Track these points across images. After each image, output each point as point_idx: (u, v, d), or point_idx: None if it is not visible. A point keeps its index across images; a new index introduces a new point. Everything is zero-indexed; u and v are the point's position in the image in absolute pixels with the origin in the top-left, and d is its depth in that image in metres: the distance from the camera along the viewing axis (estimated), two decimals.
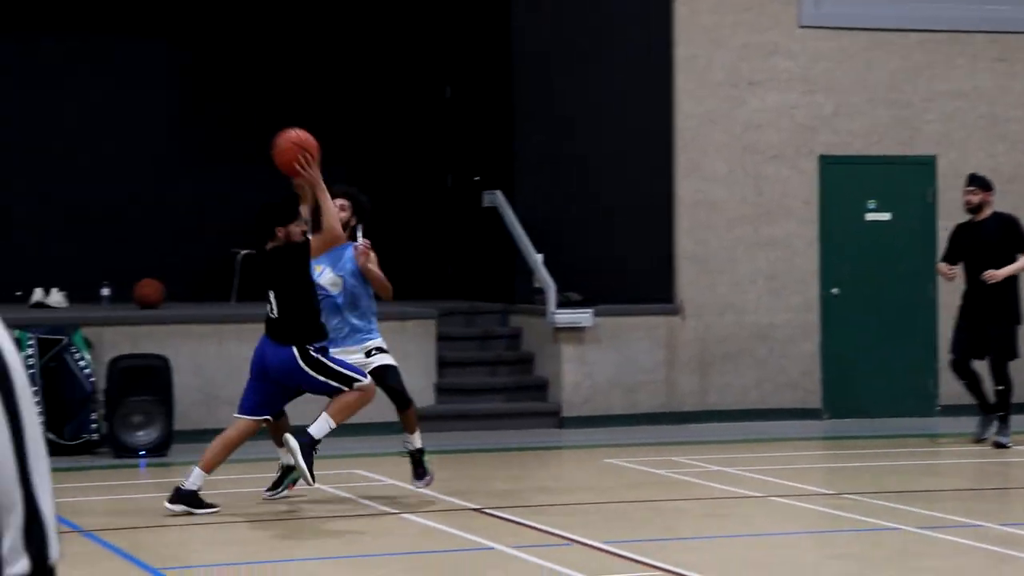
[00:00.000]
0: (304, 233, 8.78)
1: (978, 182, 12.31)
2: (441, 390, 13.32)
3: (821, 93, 14.10)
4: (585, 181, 14.31)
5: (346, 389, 8.71)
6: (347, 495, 9.78)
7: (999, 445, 11.95)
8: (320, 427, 8.67)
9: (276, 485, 9.45)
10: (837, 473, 11.47)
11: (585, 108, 14.34)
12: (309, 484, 8.76)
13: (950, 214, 14.34)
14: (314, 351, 8.69)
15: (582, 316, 13.31)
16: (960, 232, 12.38)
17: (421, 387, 13.05)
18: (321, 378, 8.68)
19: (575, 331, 13.39)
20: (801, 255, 14.02)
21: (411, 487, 9.53)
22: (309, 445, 8.60)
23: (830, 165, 14.11)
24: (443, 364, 13.40)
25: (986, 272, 11.96)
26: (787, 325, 13.97)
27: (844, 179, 14.11)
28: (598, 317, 13.40)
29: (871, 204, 14.21)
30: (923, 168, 14.31)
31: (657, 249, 13.86)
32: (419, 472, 9.47)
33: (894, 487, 10.22)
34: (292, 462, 8.81)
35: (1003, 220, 12.21)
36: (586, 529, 8.56)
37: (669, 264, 13.83)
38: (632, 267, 14.04)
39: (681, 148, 13.88)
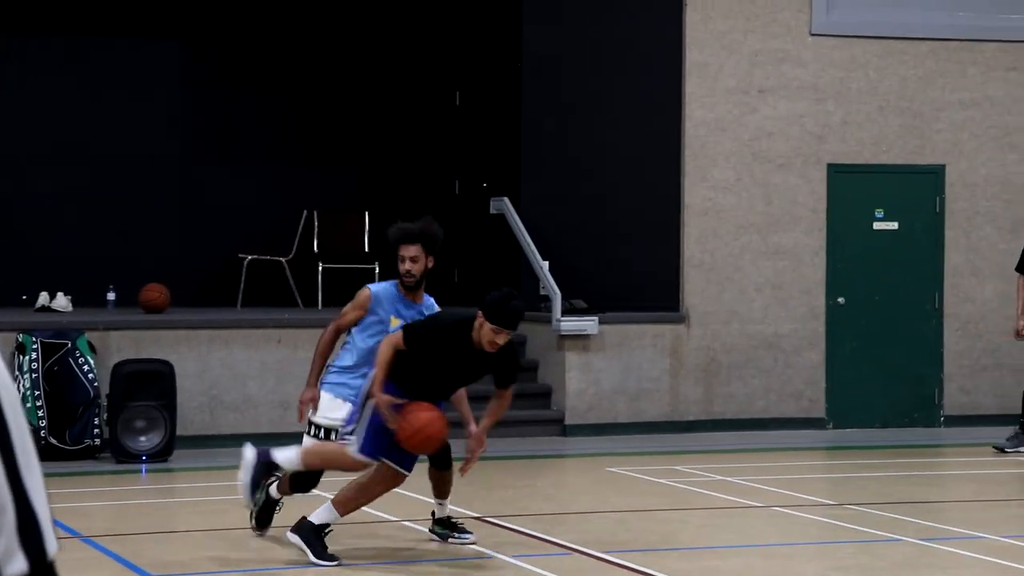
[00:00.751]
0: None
1: None
2: None
3: (831, 101, 14.06)
4: (593, 188, 14.29)
5: (349, 436, 7.86)
6: None
7: None
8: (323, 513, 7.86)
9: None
10: (840, 484, 11.44)
11: (593, 115, 14.33)
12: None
13: (958, 224, 14.30)
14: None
15: (587, 324, 13.29)
16: None
17: None
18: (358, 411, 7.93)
19: (580, 339, 13.37)
20: (808, 264, 13.98)
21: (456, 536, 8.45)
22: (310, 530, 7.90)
23: (838, 174, 14.06)
24: None
25: None
26: (793, 335, 13.93)
27: (852, 188, 14.07)
28: (603, 325, 13.38)
29: (879, 213, 14.16)
30: (932, 178, 14.25)
31: (664, 257, 13.83)
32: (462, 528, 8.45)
33: (897, 498, 10.17)
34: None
35: None
36: (587, 538, 8.55)
37: (676, 272, 13.80)
38: (638, 275, 14.02)
39: (690, 155, 13.85)
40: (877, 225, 14.15)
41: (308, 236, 14.61)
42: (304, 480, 8.24)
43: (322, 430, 8.14)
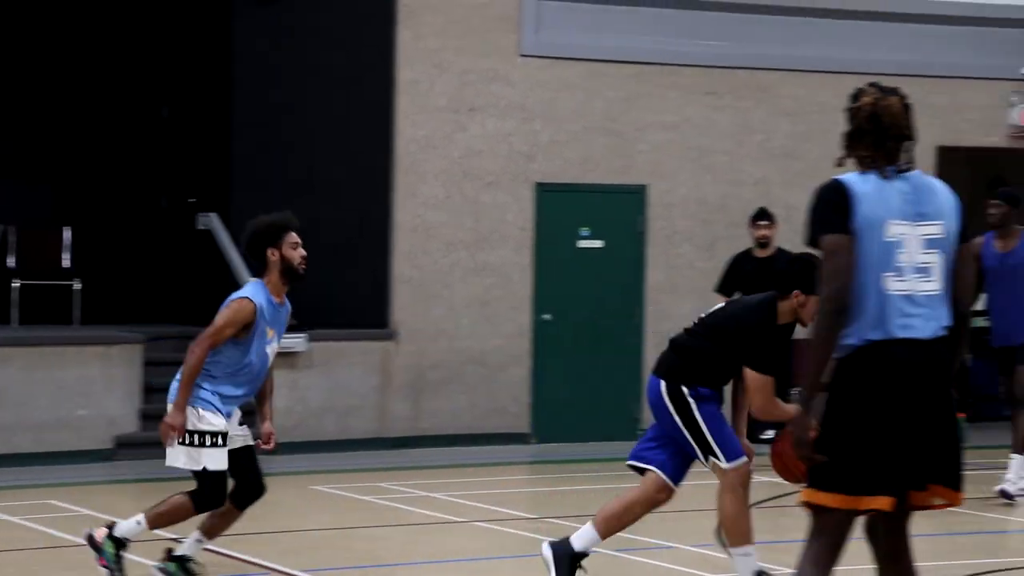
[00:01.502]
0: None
1: (770, 217, 12.67)
2: (147, 417, 12.94)
3: (539, 120, 14.32)
4: (302, 204, 14.12)
5: (705, 461, 7.12)
6: (38, 527, 9.42)
7: None
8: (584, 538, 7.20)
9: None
10: (542, 497, 11.63)
11: (305, 131, 14.23)
12: None
13: (658, 242, 14.73)
14: (690, 392, 7.25)
15: (295, 341, 13.16)
16: (742, 264, 12.72)
17: (125, 414, 12.70)
18: (679, 422, 7.31)
19: (288, 356, 13.21)
20: (515, 281, 14.18)
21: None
22: (566, 555, 7.18)
23: (546, 192, 14.32)
24: (150, 390, 13.01)
25: None
26: (499, 351, 14.10)
27: (559, 206, 14.34)
28: (312, 342, 13.28)
29: (584, 232, 14.47)
30: (634, 197, 14.65)
31: (373, 274, 13.83)
32: None
33: (595, 510, 10.34)
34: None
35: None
36: (285, 557, 8.48)
37: (384, 289, 13.80)
38: (348, 291, 13.97)
39: (401, 172, 13.89)
40: (582, 243, 14.45)
41: (3, 252, 14.08)
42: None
43: (207, 436, 7.46)
